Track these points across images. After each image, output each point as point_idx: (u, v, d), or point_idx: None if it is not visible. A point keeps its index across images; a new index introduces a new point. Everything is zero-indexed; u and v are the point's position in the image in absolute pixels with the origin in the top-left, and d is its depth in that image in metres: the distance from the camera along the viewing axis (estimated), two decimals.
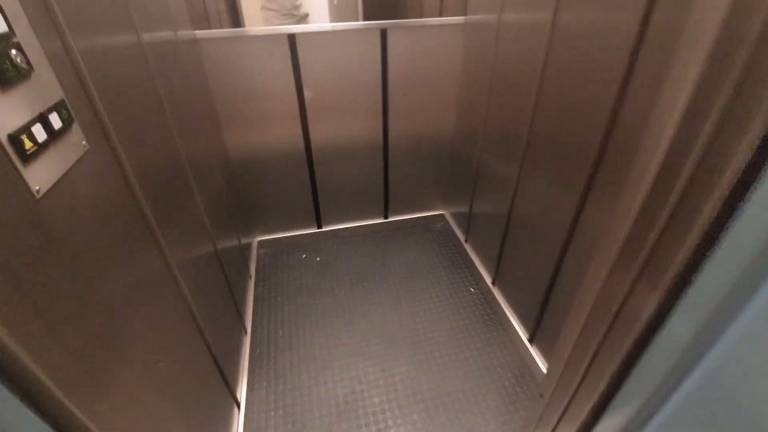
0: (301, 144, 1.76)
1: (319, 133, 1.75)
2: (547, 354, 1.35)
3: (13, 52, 0.46)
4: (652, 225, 0.53)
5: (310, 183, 1.89)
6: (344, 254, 1.99)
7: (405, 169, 1.96)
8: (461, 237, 2.00)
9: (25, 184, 0.46)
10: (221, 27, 1.96)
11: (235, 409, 1.25)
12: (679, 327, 0.51)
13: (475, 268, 1.81)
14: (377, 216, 2.10)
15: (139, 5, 0.89)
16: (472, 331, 1.57)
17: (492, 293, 1.66)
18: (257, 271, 1.89)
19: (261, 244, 2.02)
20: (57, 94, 0.53)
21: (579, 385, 0.75)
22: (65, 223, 0.53)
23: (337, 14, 2.66)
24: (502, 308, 1.58)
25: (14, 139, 0.44)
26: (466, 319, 1.63)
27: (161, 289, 0.80)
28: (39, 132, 0.48)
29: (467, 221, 1.90)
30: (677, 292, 0.51)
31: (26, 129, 0.46)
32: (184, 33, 1.28)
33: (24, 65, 0.47)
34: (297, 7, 2.46)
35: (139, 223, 0.74)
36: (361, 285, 1.81)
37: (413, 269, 1.89)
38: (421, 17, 1.62)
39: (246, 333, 1.54)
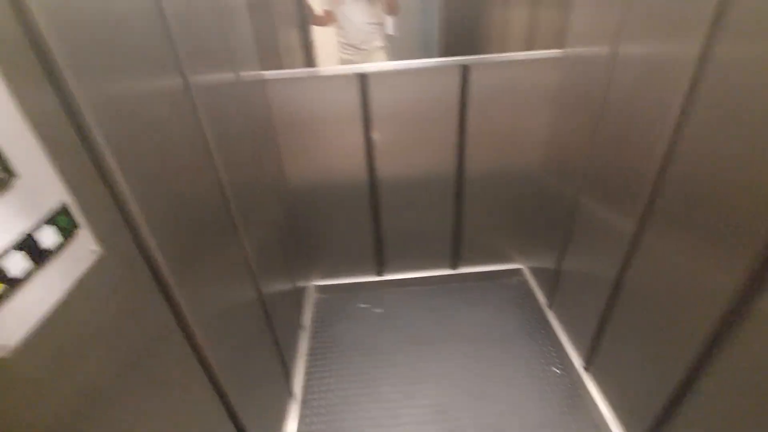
0: (366, 184, 1.62)
1: (385, 174, 1.60)
2: None
3: None
4: None
5: (373, 227, 1.73)
6: (407, 308, 1.79)
7: (479, 214, 1.73)
8: (543, 299, 1.71)
9: None
10: (294, 63, 1.91)
11: None
12: None
13: (560, 343, 1.51)
14: (444, 266, 1.88)
15: (192, 49, 0.80)
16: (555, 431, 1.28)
17: (583, 382, 1.36)
18: (313, 320, 1.76)
19: (319, 288, 1.90)
20: (55, 197, 0.41)
21: None
22: (50, 370, 0.40)
23: (399, 47, 2.53)
24: (597, 406, 1.27)
25: None
26: (549, 409, 1.34)
27: (172, 363, 0.66)
28: (16, 264, 0.36)
29: (553, 280, 1.61)
30: None
31: None
32: (250, 74, 1.21)
33: (0, 174, 0.35)
34: (365, 42, 2.37)
35: (152, 292, 0.60)
36: (425, 349, 1.59)
37: (484, 334, 1.63)
38: (505, 51, 1.42)
39: (291, 395, 1.40)
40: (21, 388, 0.36)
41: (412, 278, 1.88)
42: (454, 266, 1.88)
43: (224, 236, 0.91)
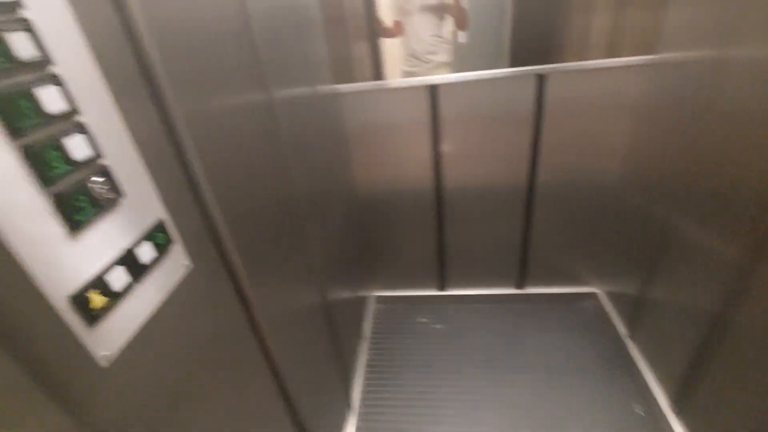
0: (432, 195, 1.59)
1: (452, 186, 1.57)
2: None
3: (96, 180, 0.36)
4: None
5: (438, 239, 1.69)
6: (469, 327, 1.71)
7: (550, 231, 1.62)
8: (622, 329, 1.55)
9: (87, 354, 0.35)
10: (364, 76, 1.95)
11: None
12: None
13: (644, 380, 1.35)
14: (510, 285, 1.78)
15: (276, 64, 0.83)
16: None
17: (671, 427, 1.20)
18: (372, 331, 1.75)
19: (379, 299, 1.89)
20: (153, 214, 0.43)
21: None
22: (144, 377, 0.41)
23: (467, 56, 2.48)
24: None
25: (78, 299, 0.33)
26: None
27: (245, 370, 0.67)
28: (118, 278, 0.37)
29: (635, 308, 1.46)
30: None
31: (98, 281, 0.35)
32: (325, 87, 1.24)
33: (110, 194, 0.37)
34: (429, 54, 2.38)
35: (233, 302, 0.62)
36: (489, 372, 1.51)
37: (554, 362, 1.51)
38: (582, 59, 1.32)
39: (349, 406, 1.39)
40: (119, 395, 0.38)
41: (474, 295, 1.80)
42: (520, 285, 1.78)
43: (295, 246, 0.93)
